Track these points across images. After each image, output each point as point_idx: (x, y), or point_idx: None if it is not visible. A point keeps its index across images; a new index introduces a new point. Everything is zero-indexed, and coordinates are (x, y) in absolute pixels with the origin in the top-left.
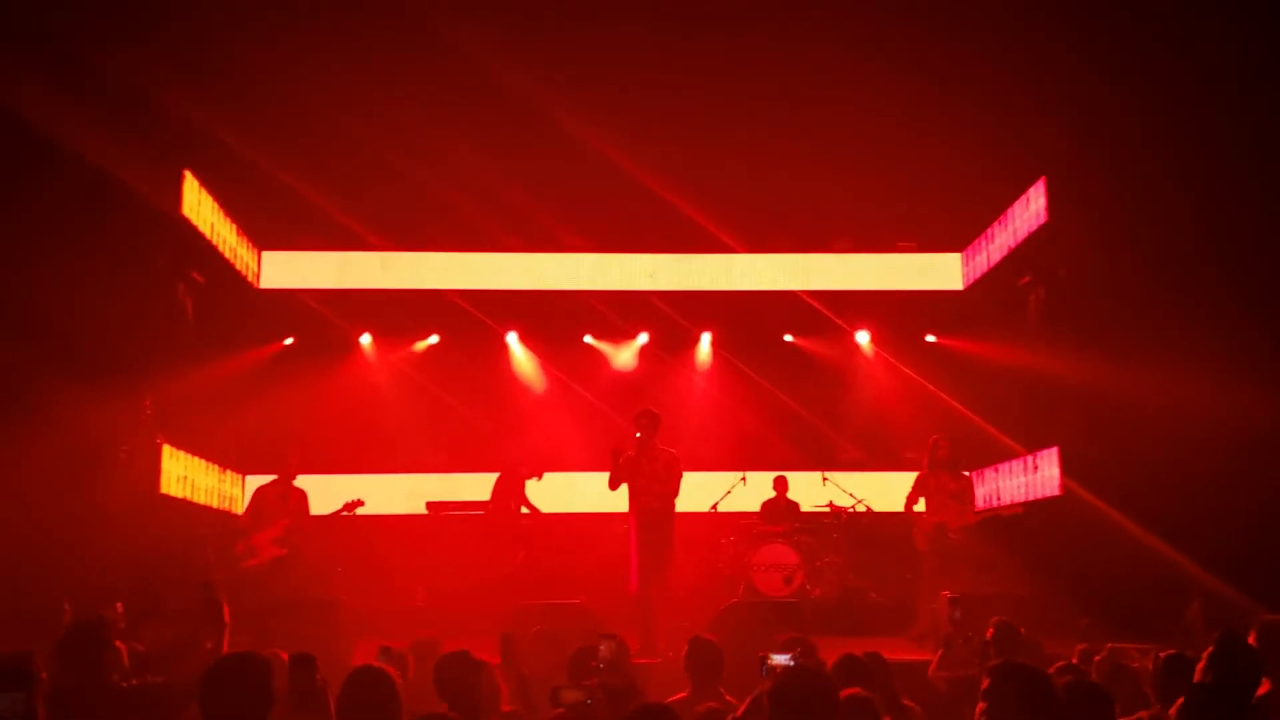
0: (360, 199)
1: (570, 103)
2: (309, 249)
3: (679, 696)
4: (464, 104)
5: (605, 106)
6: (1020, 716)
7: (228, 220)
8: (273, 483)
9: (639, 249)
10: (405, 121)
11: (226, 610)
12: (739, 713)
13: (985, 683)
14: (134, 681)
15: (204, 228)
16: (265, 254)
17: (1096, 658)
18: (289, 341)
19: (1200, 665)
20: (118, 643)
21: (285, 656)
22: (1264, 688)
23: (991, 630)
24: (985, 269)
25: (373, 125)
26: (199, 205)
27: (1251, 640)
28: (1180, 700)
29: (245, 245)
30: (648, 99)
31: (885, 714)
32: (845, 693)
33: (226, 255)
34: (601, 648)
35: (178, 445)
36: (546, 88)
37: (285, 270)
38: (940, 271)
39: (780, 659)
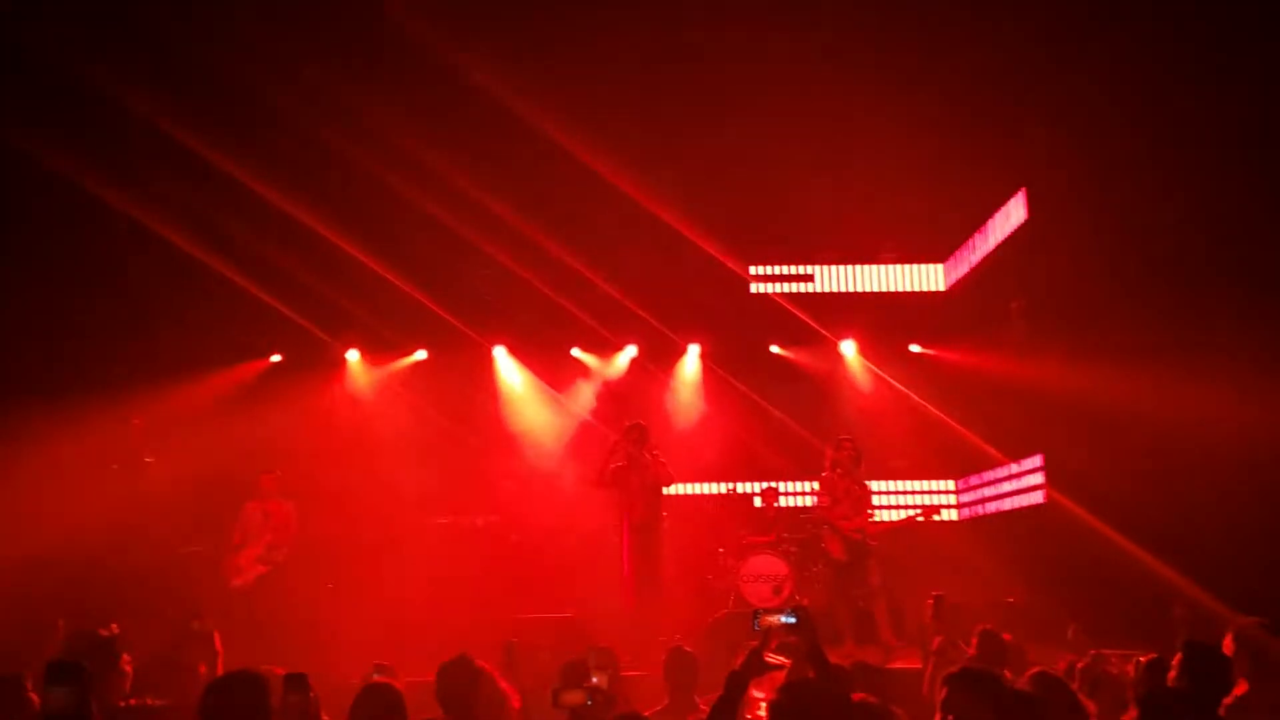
0: (347, 212)
1: (556, 114)
2: (295, 263)
3: (657, 709)
4: (448, 113)
5: (591, 118)
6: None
7: (215, 232)
8: (256, 501)
9: (627, 260)
10: (390, 133)
11: (218, 638)
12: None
13: (944, 693)
14: (132, 702)
15: (190, 242)
16: (252, 269)
17: (1080, 665)
18: (276, 359)
19: (1171, 674)
20: (125, 665)
21: (280, 672)
22: (1241, 688)
23: (975, 640)
24: (967, 279)
25: (358, 137)
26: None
27: (1228, 642)
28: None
29: (233, 260)
30: (635, 111)
31: None
32: (854, 698)
33: (214, 271)
34: (595, 679)
35: (166, 463)
36: (532, 99)
37: (274, 285)
38: (923, 283)
39: (774, 617)
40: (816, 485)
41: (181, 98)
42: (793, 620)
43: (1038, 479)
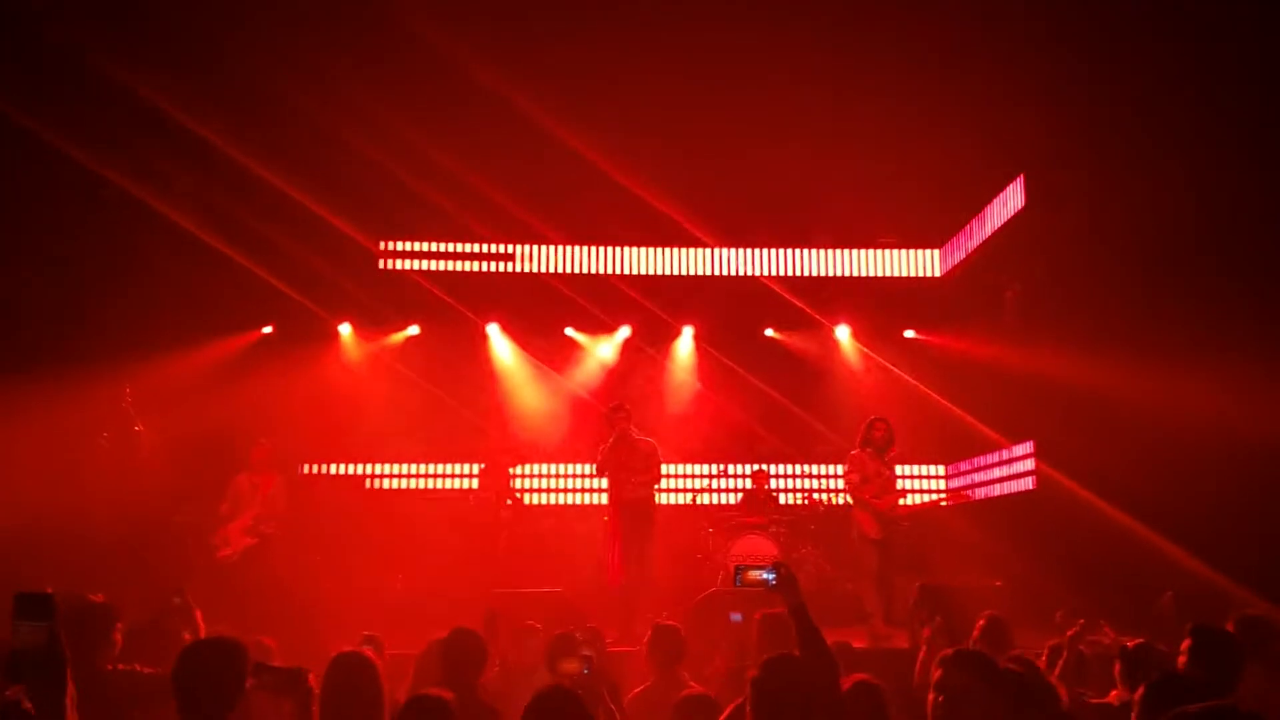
0: (342, 190)
1: (552, 98)
2: (292, 240)
3: (641, 688)
4: (446, 98)
5: (588, 102)
6: (975, 700)
7: (209, 208)
8: (244, 473)
9: (622, 243)
10: (386, 115)
11: (199, 614)
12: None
13: (938, 673)
14: (120, 667)
15: (186, 216)
16: (248, 243)
17: (1070, 632)
18: (268, 330)
19: (1181, 660)
20: (117, 634)
21: (268, 642)
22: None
23: (981, 624)
24: (964, 265)
25: (353, 118)
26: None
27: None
28: (1143, 686)
29: (228, 234)
30: (633, 95)
31: None
32: (852, 679)
33: (208, 244)
34: (585, 651)
35: (157, 433)
36: (528, 83)
37: (267, 260)
38: (919, 268)
39: (757, 574)
40: (844, 467)
41: (174, 73)
42: (773, 577)
43: (1029, 464)
